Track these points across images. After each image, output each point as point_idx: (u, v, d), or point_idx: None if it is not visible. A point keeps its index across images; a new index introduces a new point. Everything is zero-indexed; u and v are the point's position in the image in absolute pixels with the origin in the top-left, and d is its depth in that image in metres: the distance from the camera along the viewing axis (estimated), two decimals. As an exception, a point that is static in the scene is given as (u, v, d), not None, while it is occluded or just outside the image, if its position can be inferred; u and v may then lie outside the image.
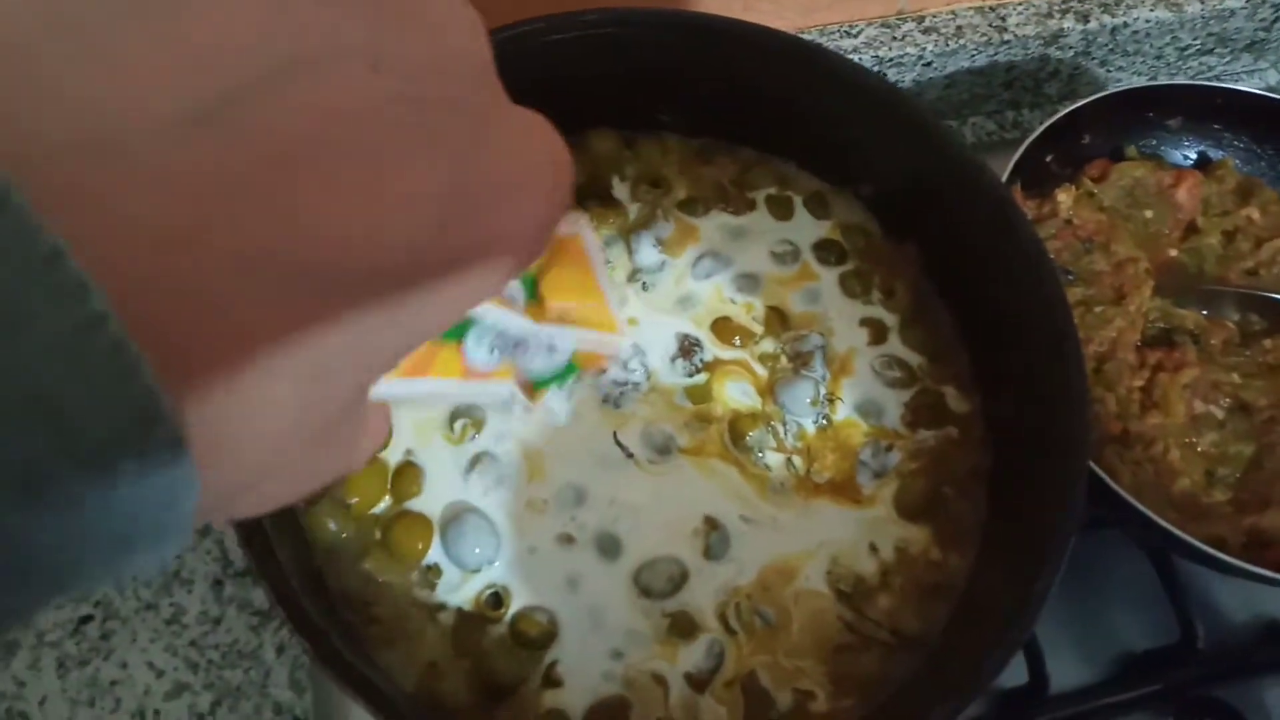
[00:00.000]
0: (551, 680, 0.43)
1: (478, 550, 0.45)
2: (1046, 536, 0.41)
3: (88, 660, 0.53)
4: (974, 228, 0.49)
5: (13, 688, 0.52)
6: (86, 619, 0.54)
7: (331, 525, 0.45)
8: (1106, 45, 0.72)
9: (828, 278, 0.53)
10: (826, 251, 0.54)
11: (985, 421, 0.50)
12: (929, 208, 0.52)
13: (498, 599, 0.45)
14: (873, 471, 0.49)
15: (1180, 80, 0.79)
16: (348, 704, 0.50)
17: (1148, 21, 0.71)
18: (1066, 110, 0.58)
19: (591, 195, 0.55)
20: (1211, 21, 0.73)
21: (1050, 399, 0.45)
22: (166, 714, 0.52)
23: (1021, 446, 0.47)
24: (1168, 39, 0.74)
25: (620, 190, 0.55)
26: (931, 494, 0.48)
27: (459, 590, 0.45)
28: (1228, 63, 0.79)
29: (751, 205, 0.56)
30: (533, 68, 0.52)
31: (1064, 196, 0.59)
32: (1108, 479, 0.48)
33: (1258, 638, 0.56)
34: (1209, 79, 0.80)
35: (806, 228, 0.55)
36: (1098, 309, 0.56)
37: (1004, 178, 0.56)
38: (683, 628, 0.45)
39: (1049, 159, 0.60)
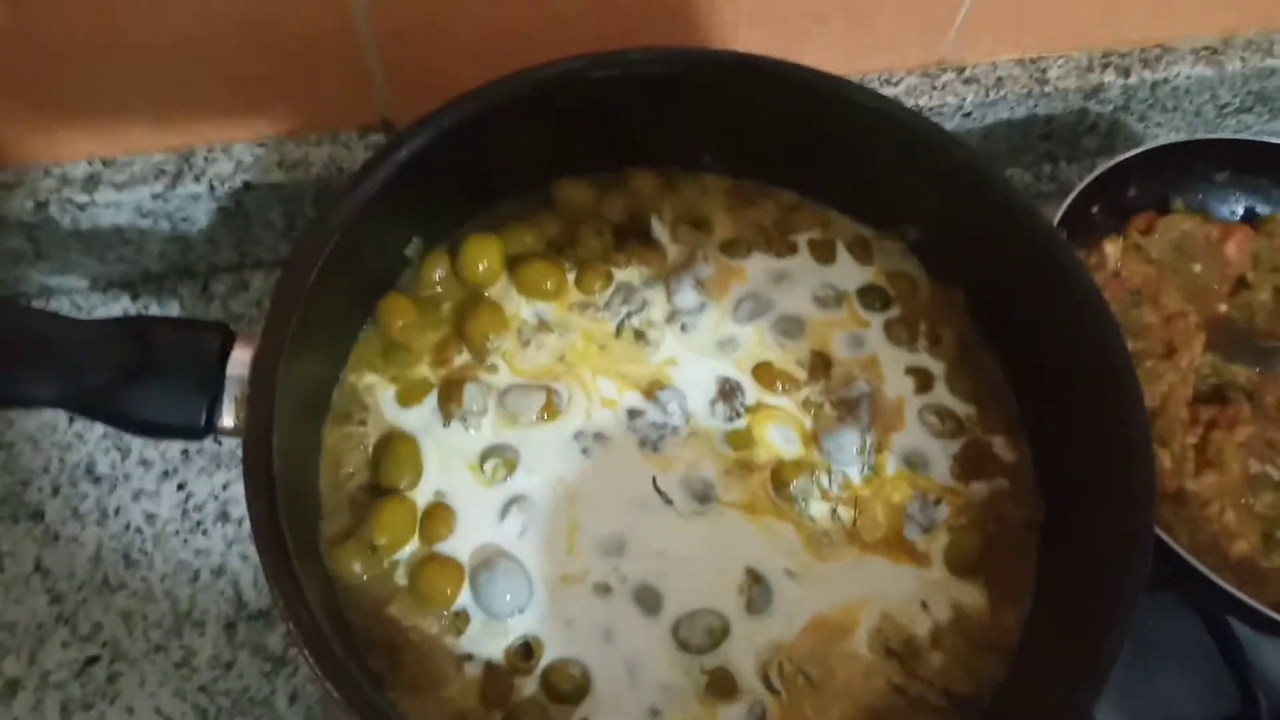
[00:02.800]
0: (584, 738, 0.41)
1: (509, 598, 0.43)
2: (1110, 595, 0.39)
3: (92, 704, 0.50)
4: (1026, 274, 0.48)
5: (13, 731, 0.49)
6: (93, 660, 0.51)
7: (356, 567, 0.43)
8: (1146, 100, 0.72)
9: (874, 323, 0.52)
10: (871, 297, 0.53)
11: (1036, 473, 0.48)
12: (978, 253, 0.50)
13: (528, 649, 0.42)
14: (920, 526, 0.47)
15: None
16: (363, 758, 0.47)
17: (1188, 77, 0.71)
18: (1114, 161, 0.57)
19: (630, 235, 0.54)
20: (1252, 79, 0.72)
21: (1111, 450, 0.43)
22: (172, 764, 0.49)
23: (1077, 499, 0.45)
24: (1207, 95, 0.73)
25: (659, 231, 0.54)
26: (983, 548, 0.46)
27: (488, 639, 0.42)
28: (1266, 121, 0.79)
29: (793, 248, 0.54)
30: (574, 105, 0.52)
31: (1111, 248, 0.58)
32: (1167, 538, 0.46)
33: (1321, 711, 0.53)
34: (1246, 137, 0.80)
35: (850, 272, 0.54)
36: (1148, 363, 0.55)
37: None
38: (723, 686, 0.42)
39: (1094, 210, 0.59)
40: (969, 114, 0.68)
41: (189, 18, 0.50)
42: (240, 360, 0.40)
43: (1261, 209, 0.63)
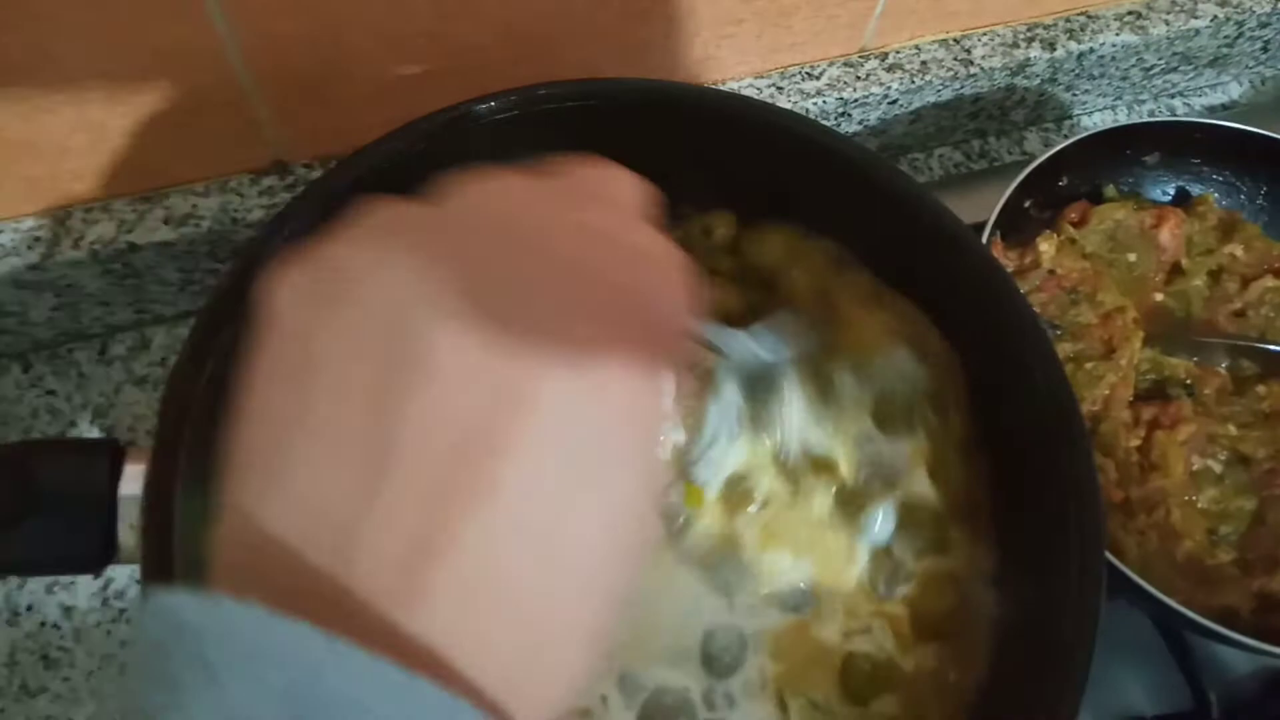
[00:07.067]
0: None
1: None
2: (1063, 652, 0.38)
3: None
4: (961, 300, 0.46)
5: None
6: None
7: None
8: (1073, 71, 0.70)
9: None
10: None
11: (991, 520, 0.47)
12: (913, 277, 0.49)
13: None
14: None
15: (1145, 99, 0.78)
16: None
17: (1113, 46, 0.69)
18: (1043, 157, 0.56)
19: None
20: (1176, 41, 0.71)
21: (1057, 497, 0.42)
22: None
23: (1027, 546, 0.44)
24: (1133, 61, 0.72)
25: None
26: (940, 604, 0.45)
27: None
28: (1191, 79, 0.78)
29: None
30: (481, 149, 0.48)
31: (1046, 246, 0.56)
32: (1114, 560, 0.46)
33: (1271, 696, 0.54)
34: (1173, 95, 0.79)
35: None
36: (1088, 365, 0.54)
37: (986, 229, 0.53)
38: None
39: (1028, 204, 0.58)
40: (895, 101, 0.66)
41: (52, 68, 0.46)
42: (134, 476, 0.37)
43: (1192, 188, 0.62)
